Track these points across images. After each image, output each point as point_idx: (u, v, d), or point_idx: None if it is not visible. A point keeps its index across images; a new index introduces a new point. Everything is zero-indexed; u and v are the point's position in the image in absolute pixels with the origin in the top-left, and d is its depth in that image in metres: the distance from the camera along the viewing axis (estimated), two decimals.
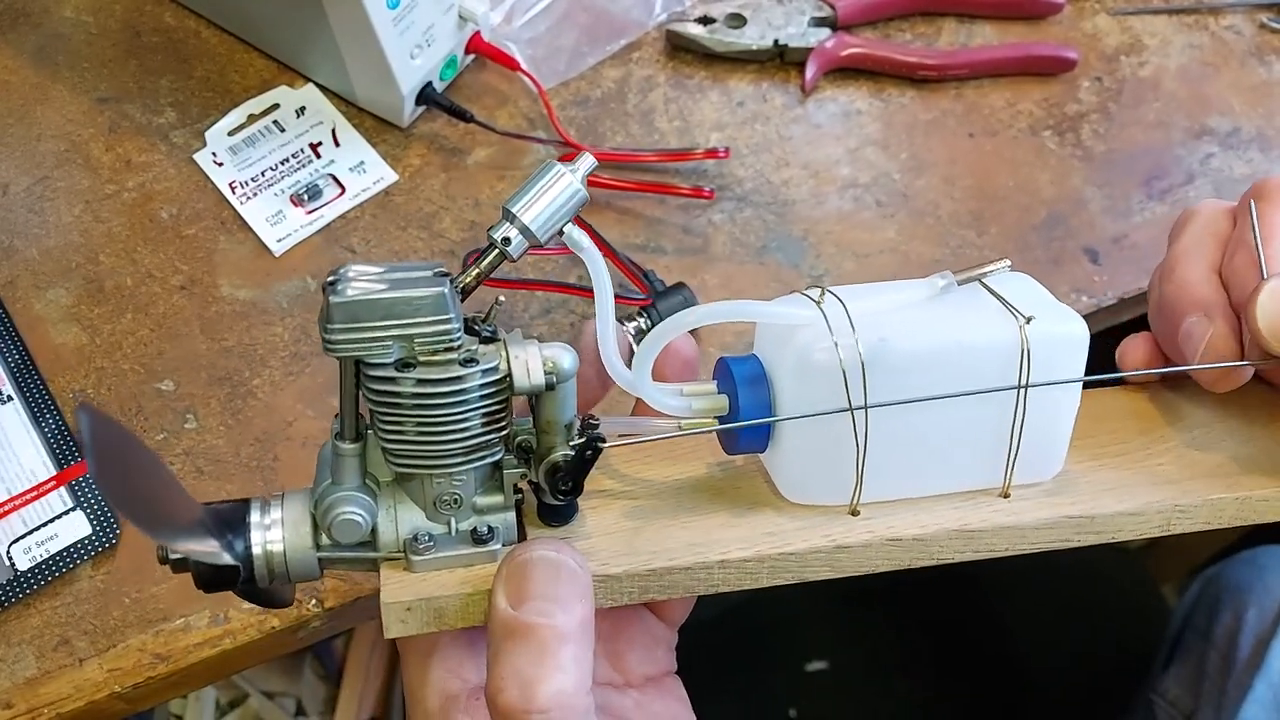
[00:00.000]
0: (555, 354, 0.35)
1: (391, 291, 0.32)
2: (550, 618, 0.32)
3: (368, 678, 0.98)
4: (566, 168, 0.36)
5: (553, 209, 0.35)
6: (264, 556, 0.35)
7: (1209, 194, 0.62)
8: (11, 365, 0.56)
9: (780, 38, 0.64)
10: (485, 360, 0.34)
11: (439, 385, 0.33)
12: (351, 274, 0.33)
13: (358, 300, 0.32)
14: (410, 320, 0.33)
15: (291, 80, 0.64)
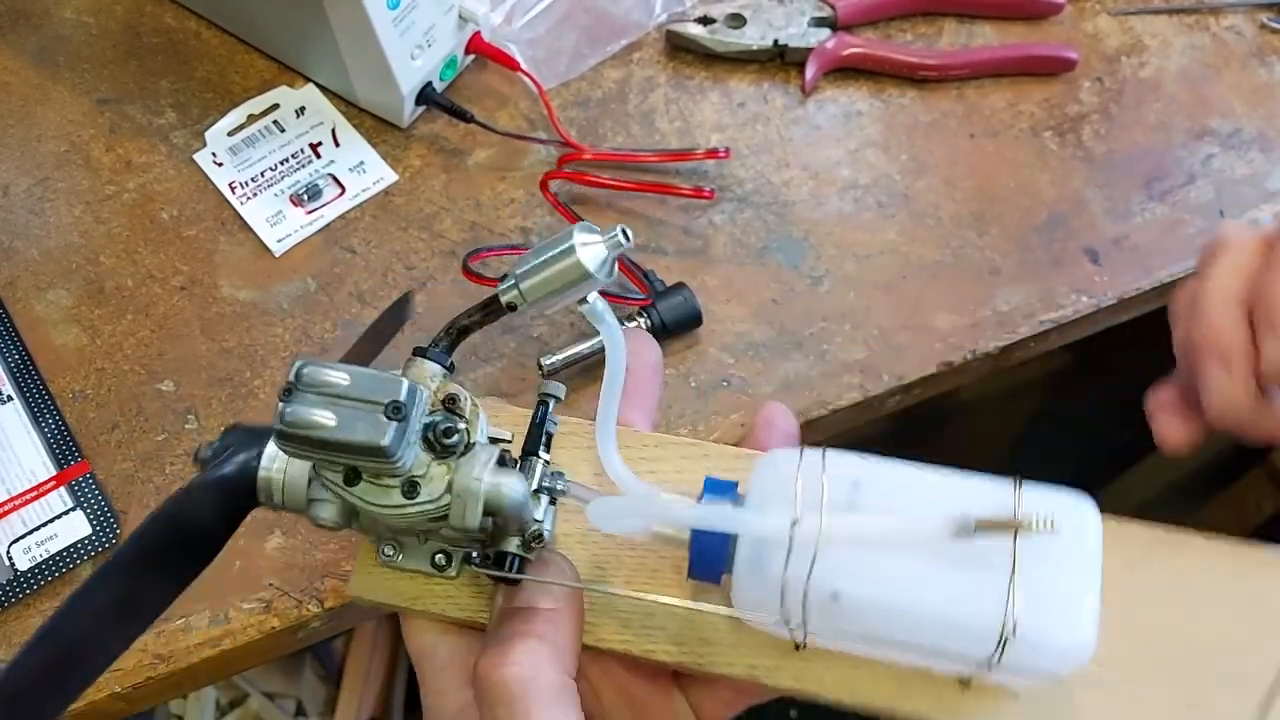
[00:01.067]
0: (502, 488, 0.33)
1: (336, 431, 0.31)
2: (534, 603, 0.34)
3: (367, 678, 0.98)
4: (590, 239, 0.32)
5: (551, 287, 0.33)
6: (266, 480, 0.35)
7: (1210, 195, 0.62)
8: (12, 365, 0.56)
9: (780, 38, 0.64)
10: (426, 491, 0.33)
11: (380, 507, 0.33)
12: (304, 386, 0.31)
13: (299, 431, 0.31)
14: (352, 456, 0.32)
15: (292, 80, 0.64)
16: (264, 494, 0.36)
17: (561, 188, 0.61)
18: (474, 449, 0.34)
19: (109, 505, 0.52)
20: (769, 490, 0.34)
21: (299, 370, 0.32)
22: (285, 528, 0.53)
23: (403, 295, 0.49)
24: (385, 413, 0.31)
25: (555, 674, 0.33)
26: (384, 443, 0.31)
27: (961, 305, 0.58)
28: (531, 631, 0.34)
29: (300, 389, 0.31)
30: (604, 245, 0.32)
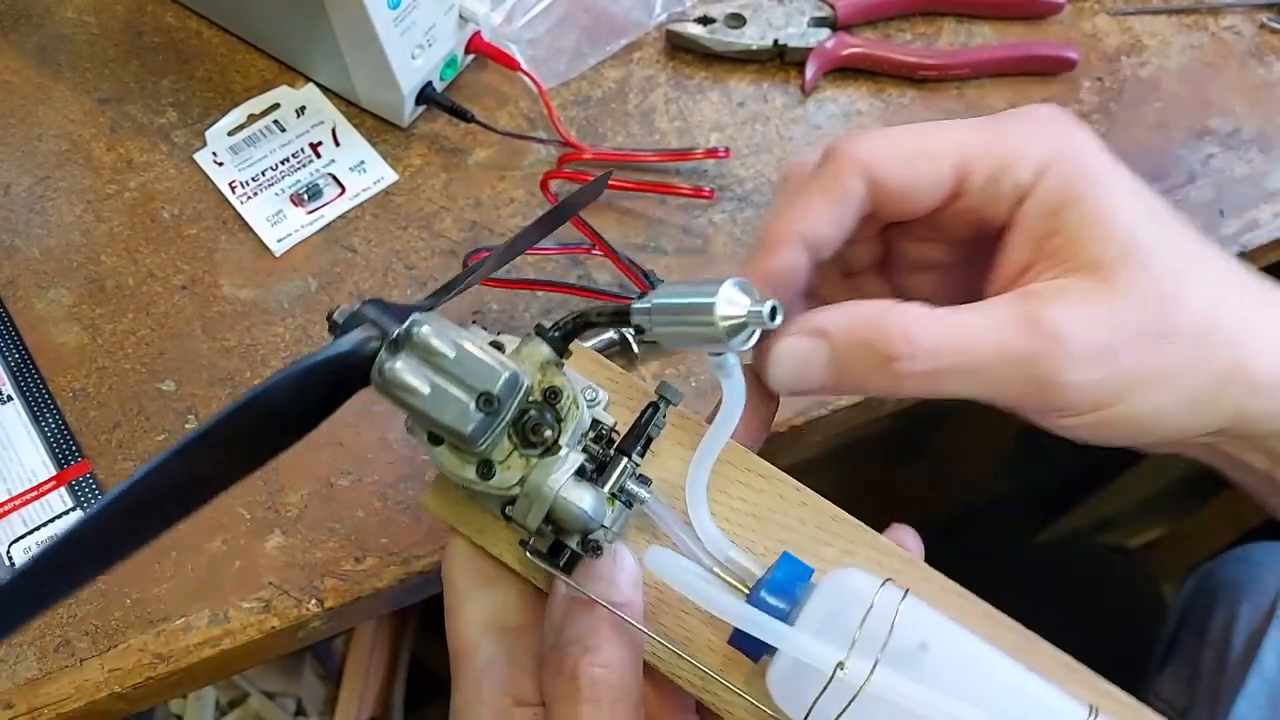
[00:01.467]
0: (570, 503, 0.32)
1: (426, 403, 0.31)
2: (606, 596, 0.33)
3: (368, 678, 0.98)
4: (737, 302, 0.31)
5: (680, 333, 0.32)
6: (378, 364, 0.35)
7: (1210, 195, 0.62)
8: (12, 365, 0.56)
9: (780, 38, 0.64)
10: (499, 477, 0.33)
11: (453, 473, 0.33)
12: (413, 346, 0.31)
13: (393, 390, 0.32)
14: (435, 429, 0.32)
15: (292, 80, 0.64)
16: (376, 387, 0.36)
17: (561, 187, 0.61)
18: (559, 452, 0.33)
19: None
20: (832, 610, 0.32)
21: (412, 327, 0.31)
22: (285, 528, 0.53)
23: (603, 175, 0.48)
24: (477, 402, 0.31)
25: (636, 678, 0.33)
26: (466, 431, 0.31)
27: None
28: (613, 630, 0.33)
29: (408, 347, 0.31)
30: (747, 316, 0.30)
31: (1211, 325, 0.36)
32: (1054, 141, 0.37)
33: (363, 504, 0.53)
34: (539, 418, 0.33)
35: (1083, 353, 0.34)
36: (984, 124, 0.37)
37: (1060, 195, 0.36)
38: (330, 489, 0.54)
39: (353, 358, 0.34)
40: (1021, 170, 0.36)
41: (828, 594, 0.33)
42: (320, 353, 0.33)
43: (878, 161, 0.36)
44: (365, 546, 0.52)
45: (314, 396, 0.34)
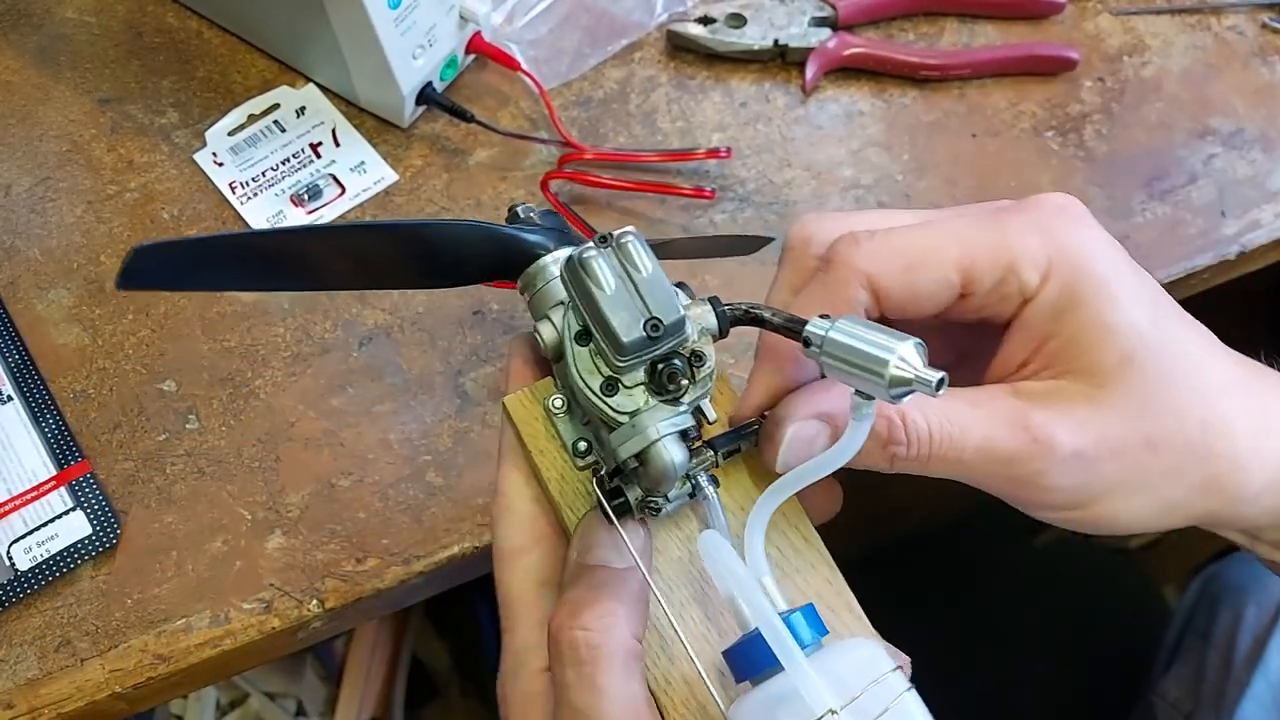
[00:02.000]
0: (665, 453, 0.34)
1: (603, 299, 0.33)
2: (606, 560, 0.35)
3: (368, 678, 0.98)
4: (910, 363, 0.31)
5: (847, 371, 0.32)
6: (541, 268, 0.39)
7: (1212, 195, 0.62)
8: (12, 365, 0.56)
9: (781, 38, 0.64)
10: (616, 400, 0.34)
11: (578, 374, 0.34)
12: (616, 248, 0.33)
13: (581, 274, 0.33)
14: (596, 326, 0.33)
15: (292, 80, 0.64)
16: (527, 278, 0.39)
17: (562, 187, 0.61)
18: (677, 405, 0.34)
19: (109, 505, 0.52)
20: (841, 667, 0.33)
21: (624, 234, 0.33)
22: (286, 528, 0.53)
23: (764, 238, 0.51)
24: (646, 323, 0.33)
25: (625, 638, 0.34)
26: (624, 340, 0.32)
27: None
28: (603, 593, 0.34)
29: (613, 247, 0.33)
30: (915, 380, 0.31)
31: (1199, 437, 0.36)
32: (1059, 240, 0.37)
33: (363, 505, 0.53)
34: (679, 369, 0.34)
35: (1065, 459, 0.35)
36: (987, 220, 0.37)
37: (1063, 300, 0.36)
38: (331, 489, 0.54)
39: (524, 245, 0.38)
40: (1026, 273, 0.36)
41: (844, 651, 0.34)
42: (504, 227, 0.37)
43: (880, 273, 0.36)
44: (366, 547, 0.52)
45: (472, 256, 0.37)
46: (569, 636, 0.33)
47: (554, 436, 0.39)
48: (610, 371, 0.34)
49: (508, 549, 0.38)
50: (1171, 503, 0.37)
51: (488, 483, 0.54)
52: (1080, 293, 0.36)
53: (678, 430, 0.34)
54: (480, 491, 0.53)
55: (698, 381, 0.34)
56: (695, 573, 0.38)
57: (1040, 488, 0.36)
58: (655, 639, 0.37)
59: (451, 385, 0.56)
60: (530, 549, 0.38)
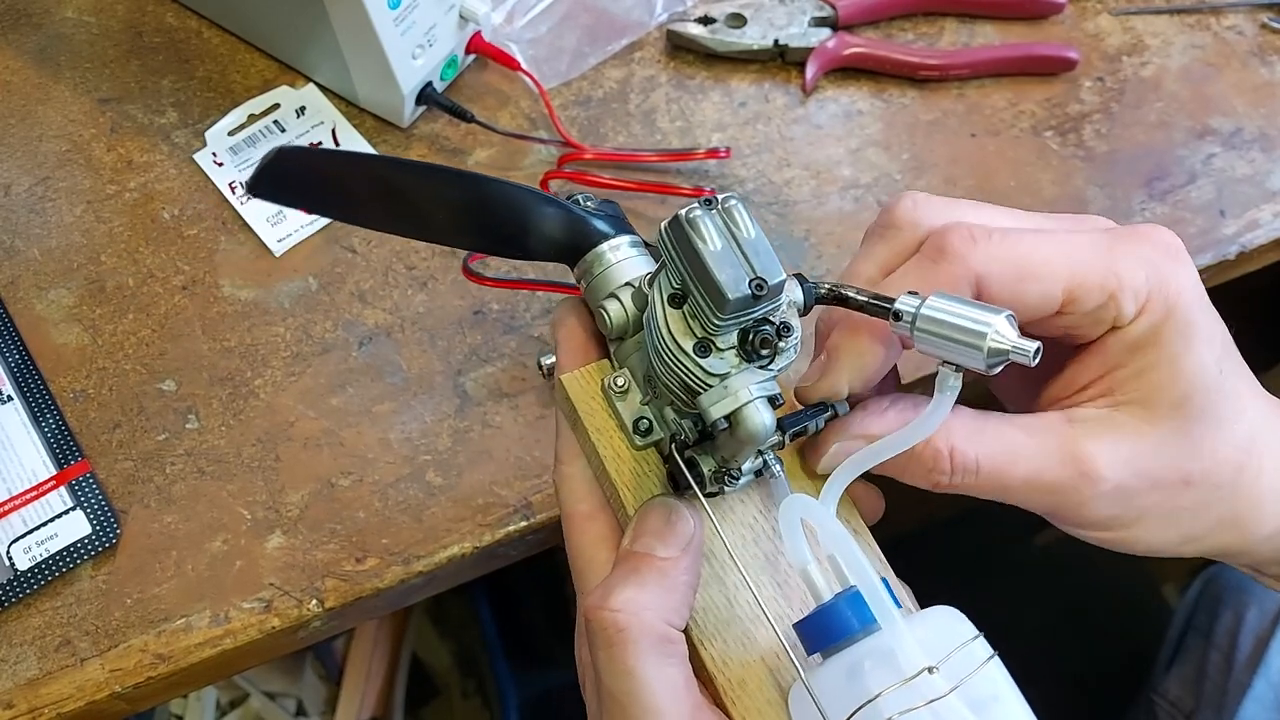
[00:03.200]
0: (757, 415, 0.34)
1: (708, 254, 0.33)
2: (650, 549, 0.36)
3: (368, 678, 0.98)
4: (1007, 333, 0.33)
5: (944, 339, 0.33)
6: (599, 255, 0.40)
7: (1211, 194, 0.62)
8: (12, 365, 0.56)
9: (781, 38, 0.64)
10: (709, 362, 0.34)
11: (669, 337, 0.34)
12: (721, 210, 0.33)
13: (688, 230, 0.33)
14: (699, 283, 0.33)
15: (292, 80, 0.64)
16: (586, 263, 0.40)
17: (562, 187, 0.61)
18: (767, 370, 0.35)
19: (109, 505, 0.52)
20: (928, 632, 0.34)
21: (728, 198, 0.34)
22: (286, 528, 0.53)
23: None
24: (750, 282, 0.33)
25: (654, 621, 0.34)
26: (730, 296, 0.32)
27: None
28: (637, 579, 0.35)
29: (717, 209, 0.33)
30: (1011, 349, 0.32)
31: (1230, 479, 0.38)
32: (1161, 277, 0.37)
33: (363, 504, 0.53)
34: (771, 335, 0.34)
35: (1107, 492, 0.37)
36: (1100, 243, 0.38)
37: (1147, 335, 0.37)
38: (331, 489, 0.54)
39: (591, 229, 0.39)
40: (1126, 304, 0.37)
41: (928, 617, 0.35)
42: (575, 206, 0.39)
43: (992, 276, 0.37)
44: (366, 547, 0.52)
45: (540, 228, 0.39)
46: (597, 616, 0.34)
47: (612, 415, 0.39)
48: (704, 333, 0.34)
49: (577, 513, 0.39)
50: (1192, 535, 0.39)
51: (488, 482, 0.54)
52: (1164, 332, 0.37)
53: (767, 395, 0.35)
54: (480, 491, 0.53)
55: (785, 350, 0.35)
56: (753, 555, 0.39)
57: (1079, 514, 0.38)
58: (709, 620, 0.38)
59: (451, 385, 0.56)
60: (597, 514, 0.39)
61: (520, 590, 1.12)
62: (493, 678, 1.07)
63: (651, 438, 0.39)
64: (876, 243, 0.39)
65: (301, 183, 0.36)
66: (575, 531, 0.39)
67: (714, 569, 0.39)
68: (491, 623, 1.09)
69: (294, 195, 0.38)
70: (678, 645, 0.35)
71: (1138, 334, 0.37)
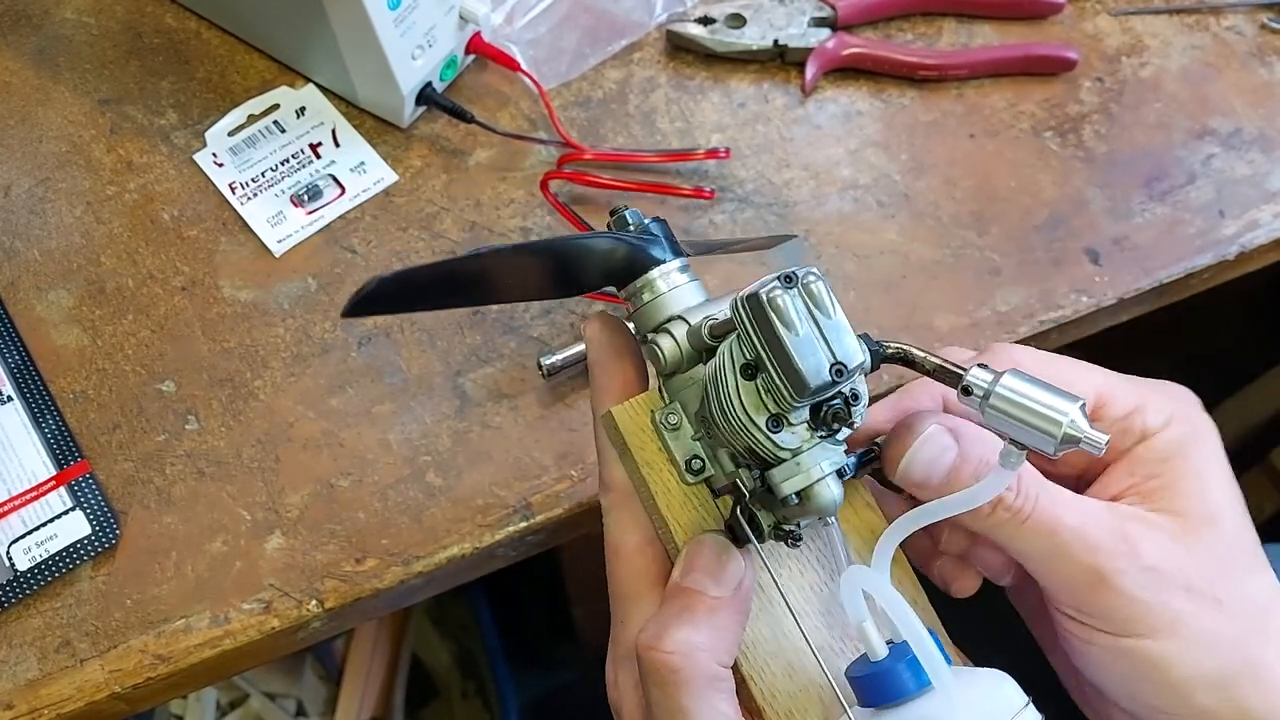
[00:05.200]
0: (826, 492, 0.34)
1: (790, 341, 0.33)
2: (702, 587, 0.36)
3: (368, 678, 0.98)
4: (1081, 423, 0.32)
5: (1017, 421, 0.33)
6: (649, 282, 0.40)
7: (1211, 194, 0.62)
8: (12, 366, 0.56)
9: (780, 38, 0.64)
10: (781, 437, 0.34)
11: (740, 409, 0.34)
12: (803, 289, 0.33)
13: (770, 315, 0.33)
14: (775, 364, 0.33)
15: (292, 81, 0.64)
16: (634, 289, 0.40)
17: (562, 188, 0.61)
18: (836, 443, 0.35)
19: (109, 505, 0.52)
20: (977, 696, 0.34)
21: (808, 274, 0.34)
22: (286, 529, 0.53)
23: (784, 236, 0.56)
24: (830, 368, 0.33)
25: (706, 663, 0.35)
26: (811, 384, 0.33)
27: (961, 305, 0.58)
28: (690, 619, 0.35)
29: (798, 288, 0.33)
30: (1084, 439, 0.32)
31: (1260, 617, 0.38)
32: (1181, 407, 0.40)
33: (363, 505, 0.53)
34: (843, 409, 0.34)
35: (1144, 569, 0.37)
36: (1125, 376, 0.41)
37: (1174, 448, 0.39)
38: (330, 490, 0.54)
39: (646, 256, 0.40)
40: (1153, 415, 0.39)
41: (983, 680, 0.35)
42: (630, 236, 0.40)
43: (1026, 367, 0.38)
44: (365, 548, 0.52)
45: (597, 265, 0.40)
46: (650, 658, 0.35)
47: (662, 449, 0.39)
48: (778, 409, 0.34)
49: (623, 545, 0.39)
50: (1224, 674, 0.38)
51: (488, 483, 0.54)
52: (1190, 446, 0.39)
53: (836, 468, 0.35)
54: (479, 492, 0.53)
55: (854, 418, 0.35)
56: (803, 595, 0.39)
57: (1114, 589, 0.37)
58: (758, 653, 0.38)
59: (451, 385, 0.56)
60: (646, 547, 0.39)
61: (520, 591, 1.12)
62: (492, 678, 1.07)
63: (703, 475, 0.39)
64: None
65: (395, 300, 0.38)
66: (622, 564, 0.39)
67: (762, 602, 0.39)
68: (491, 623, 1.09)
69: (389, 308, 0.40)
70: (727, 683, 0.35)
71: (1167, 444, 0.39)
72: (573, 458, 0.54)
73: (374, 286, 0.34)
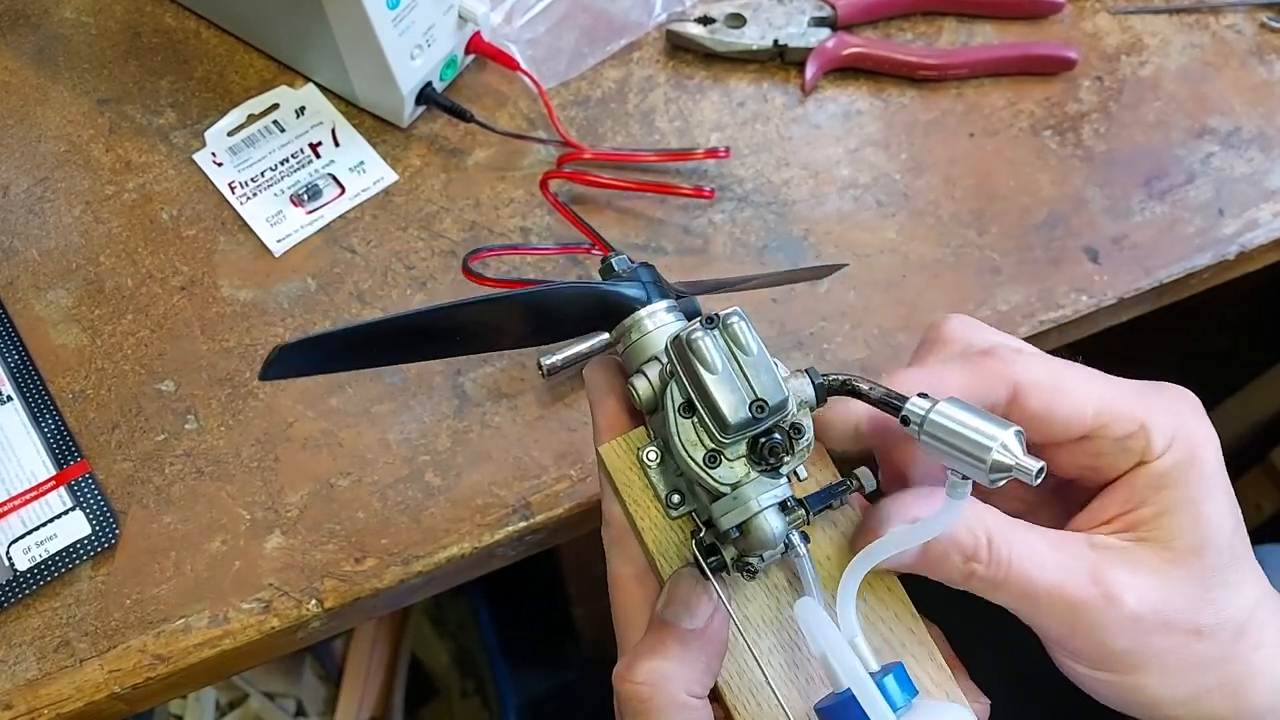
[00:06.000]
0: (765, 528, 0.35)
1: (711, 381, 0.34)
2: (677, 620, 0.37)
3: (367, 678, 0.98)
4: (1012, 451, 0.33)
5: (950, 448, 0.33)
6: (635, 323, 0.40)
7: (1210, 194, 0.62)
8: (11, 365, 0.56)
9: (780, 37, 0.64)
10: (719, 471, 0.35)
11: (681, 445, 0.36)
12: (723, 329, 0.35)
13: (690, 356, 0.35)
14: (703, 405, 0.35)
15: (291, 80, 0.64)
16: (622, 329, 0.41)
17: (561, 187, 0.61)
18: (777, 475, 0.36)
19: (108, 505, 0.52)
20: None
21: (730, 315, 0.35)
22: (285, 528, 0.53)
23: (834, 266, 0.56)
24: (752, 406, 0.34)
25: (675, 692, 0.36)
26: (731, 421, 0.34)
27: (961, 304, 0.58)
28: (662, 650, 0.36)
29: (719, 328, 0.35)
30: (1015, 468, 0.33)
31: (1234, 639, 0.39)
32: (1184, 422, 0.39)
33: (362, 505, 0.53)
34: (780, 443, 0.35)
35: (1125, 619, 0.37)
36: (1129, 384, 0.40)
37: (1171, 475, 0.39)
38: (330, 490, 0.54)
39: (624, 300, 0.40)
40: (1156, 438, 0.39)
41: (934, 712, 0.35)
42: (603, 284, 0.40)
43: (1027, 384, 0.38)
44: (365, 547, 0.52)
45: (576, 314, 0.41)
46: (622, 689, 0.36)
47: (648, 487, 0.40)
48: (713, 445, 0.35)
49: (622, 575, 0.40)
50: (1194, 694, 0.39)
51: (487, 483, 0.54)
52: (1190, 475, 0.39)
53: (777, 502, 0.35)
54: (479, 492, 0.53)
55: (796, 453, 0.35)
56: (780, 622, 0.39)
57: (1095, 640, 0.38)
58: (743, 684, 0.38)
59: (450, 385, 0.56)
60: (643, 577, 0.40)
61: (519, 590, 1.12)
62: (492, 678, 1.07)
63: (684, 509, 0.40)
64: (927, 355, 0.41)
65: (305, 363, 0.38)
66: (620, 593, 0.40)
67: (752, 635, 0.39)
68: (490, 623, 1.09)
69: (304, 372, 0.39)
70: (698, 711, 0.36)
71: (1164, 470, 0.38)
72: (572, 457, 0.54)
73: (273, 355, 0.35)
